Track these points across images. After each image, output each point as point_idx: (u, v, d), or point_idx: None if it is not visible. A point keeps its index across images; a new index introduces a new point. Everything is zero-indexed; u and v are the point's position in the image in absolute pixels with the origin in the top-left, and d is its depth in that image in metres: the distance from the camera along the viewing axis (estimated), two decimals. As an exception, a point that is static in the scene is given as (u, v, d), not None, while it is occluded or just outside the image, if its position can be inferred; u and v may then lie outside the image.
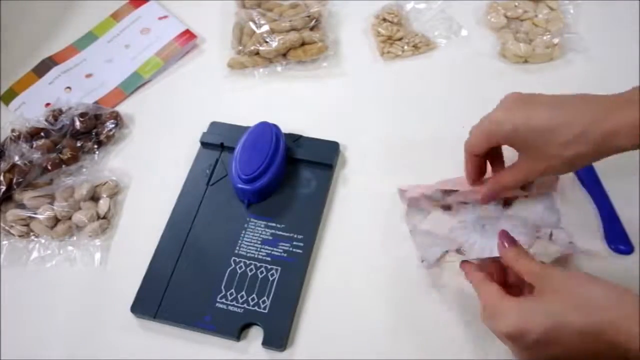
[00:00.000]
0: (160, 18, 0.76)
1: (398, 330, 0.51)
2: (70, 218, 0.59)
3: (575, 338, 0.38)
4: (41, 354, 0.53)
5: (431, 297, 0.52)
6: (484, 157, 0.50)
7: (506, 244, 0.45)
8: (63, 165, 0.62)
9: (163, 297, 0.53)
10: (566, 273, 0.41)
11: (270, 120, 0.60)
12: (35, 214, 0.58)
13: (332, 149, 0.61)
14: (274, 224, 0.57)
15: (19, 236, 0.59)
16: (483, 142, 0.47)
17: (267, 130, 0.58)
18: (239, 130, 0.61)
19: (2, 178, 0.59)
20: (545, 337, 0.38)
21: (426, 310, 0.52)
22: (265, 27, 0.70)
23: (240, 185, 0.56)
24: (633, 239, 0.53)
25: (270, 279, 0.53)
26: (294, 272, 0.54)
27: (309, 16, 0.70)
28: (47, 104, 0.69)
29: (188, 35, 0.73)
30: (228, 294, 0.53)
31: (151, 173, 0.64)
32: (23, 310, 0.55)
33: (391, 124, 0.64)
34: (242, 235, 0.56)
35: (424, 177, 0.56)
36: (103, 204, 0.60)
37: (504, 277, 0.48)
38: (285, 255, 0.55)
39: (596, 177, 0.57)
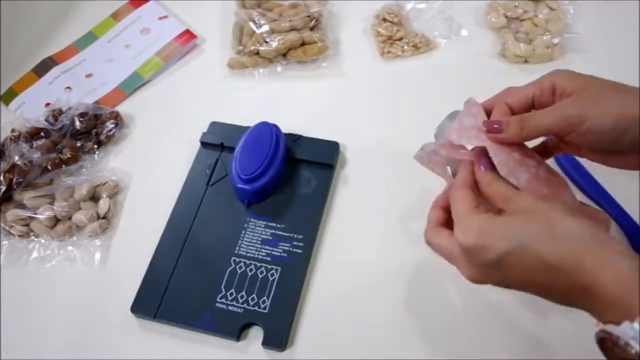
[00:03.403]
0: (160, 18, 0.76)
1: (399, 330, 0.51)
2: (70, 218, 0.59)
3: (536, 266, 0.35)
4: (41, 354, 0.53)
5: (432, 297, 0.52)
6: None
7: (482, 167, 0.41)
8: (63, 165, 0.62)
9: (163, 297, 0.53)
10: (541, 200, 0.38)
11: (270, 120, 0.60)
12: (35, 214, 0.58)
13: (332, 149, 0.61)
14: (274, 224, 0.57)
15: (19, 236, 0.59)
16: (536, 91, 0.43)
17: (267, 130, 0.58)
18: (239, 130, 0.61)
19: (2, 178, 0.59)
20: (506, 258, 0.36)
21: (427, 310, 0.52)
22: (265, 27, 0.70)
23: (240, 185, 0.56)
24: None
25: (270, 279, 0.53)
26: (294, 272, 0.54)
27: (309, 16, 0.70)
28: (47, 104, 0.69)
29: (188, 35, 0.73)
30: (228, 294, 0.53)
31: (151, 173, 0.64)
32: (23, 310, 0.55)
33: (391, 124, 0.64)
34: (242, 235, 0.56)
35: (425, 176, 0.56)
36: (103, 204, 0.60)
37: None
38: (285, 255, 0.55)
39: (601, 187, 0.57)
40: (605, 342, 0.34)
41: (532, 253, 0.35)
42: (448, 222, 0.43)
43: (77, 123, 0.65)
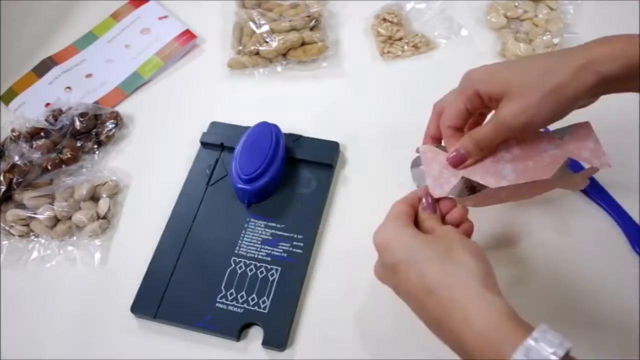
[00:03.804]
0: (160, 18, 0.76)
1: (398, 330, 0.51)
2: (70, 218, 0.59)
3: (417, 282, 0.39)
4: (41, 354, 0.53)
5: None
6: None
7: (424, 206, 0.45)
8: (63, 165, 0.62)
9: (163, 297, 0.53)
10: (459, 234, 0.41)
11: (270, 120, 0.60)
12: (35, 214, 0.58)
13: (332, 149, 0.61)
14: (274, 224, 0.57)
15: (19, 236, 0.59)
16: (466, 103, 0.46)
17: (267, 130, 0.58)
18: (239, 130, 0.61)
19: (2, 178, 0.59)
20: (399, 265, 0.40)
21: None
22: (265, 27, 0.70)
23: (240, 185, 0.56)
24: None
25: (270, 279, 0.53)
26: (294, 272, 0.54)
27: (309, 16, 0.71)
28: (47, 104, 0.69)
29: (188, 35, 0.73)
30: (228, 294, 0.53)
31: (151, 173, 0.64)
32: (23, 310, 0.55)
33: (391, 124, 0.64)
34: (242, 235, 0.56)
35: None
36: (103, 204, 0.60)
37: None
38: (285, 255, 0.55)
39: (601, 187, 0.57)
40: None
41: (419, 269, 0.39)
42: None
43: (77, 123, 0.65)
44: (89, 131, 0.66)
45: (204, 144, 0.63)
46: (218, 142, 0.62)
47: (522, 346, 0.32)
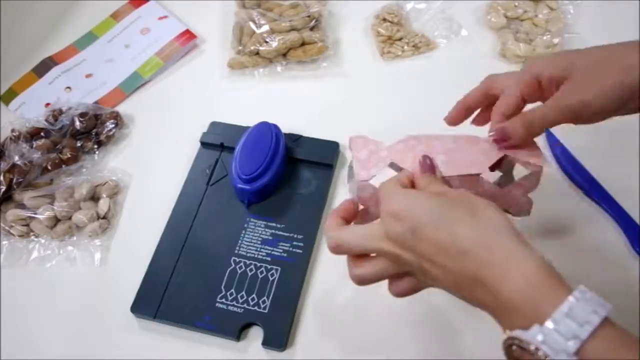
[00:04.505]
0: (160, 18, 0.76)
1: (399, 330, 0.51)
2: (70, 218, 0.59)
3: (448, 245, 0.36)
4: (41, 354, 0.53)
5: (433, 297, 0.52)
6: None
7: (424, 166, 0.43)
8: (63, 165, 0.62)
9: (163, 297, 0.53)
10: (471, 194, 0.39)
11: (270, 120, 0.60)
12: (35, 214, 0.58)
13: (332, 149, 0.61)
14: (274, 224, 0.57)
15: (19, 236, 0.59)
16: (524, 90, 0.43)
17: (267, 130, 0.58)
18: (239, 130, 0.61)
19: (2, 178, 0.59)
20: (424, 228, 0.36)
21: (427, 309, 0.52)
22: (265, 27, 0.70)
23: (240, 185, 0.56)
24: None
25: (270, 279, 0.53)
26: (294, 272, 0.54)
27: (309, 16, 0.71)
28: (47, 104, 0.69)
29: (188, 35, 0.74)
30: (228, 294, 0.53)
31: (151, 173, 0.64)
32: (23, 310, 0.55)
33: (391, 124, 0.64)
34: (242, 235, 0.56)
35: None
36: (103, 204, 0.60)
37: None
38: (285, 255, 0.55)
39: (601, 187, 0.57)
40: (513, 349, 0.33)
41: (450, 230, 0.36)
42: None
43: (77, 123, 0.65)
44: (89, 131, 0.66)
45: (204, 144, 0.63)
46: (218, 142, 0.62)
47: (564, 303, 0.31)
